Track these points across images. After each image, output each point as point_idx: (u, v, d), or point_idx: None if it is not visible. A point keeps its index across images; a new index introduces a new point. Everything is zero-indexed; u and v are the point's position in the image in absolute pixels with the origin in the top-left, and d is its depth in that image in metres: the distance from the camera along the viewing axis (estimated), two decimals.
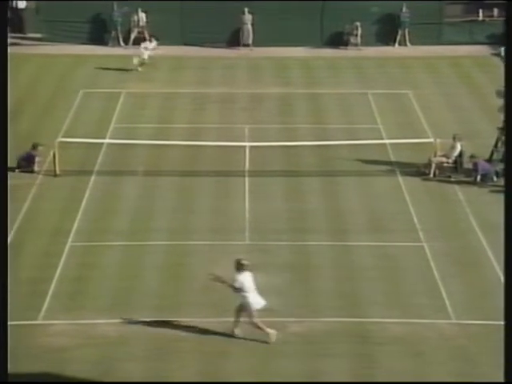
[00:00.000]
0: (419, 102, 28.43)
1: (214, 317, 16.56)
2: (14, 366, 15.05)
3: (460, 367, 15.35)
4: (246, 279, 15.55)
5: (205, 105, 28.15)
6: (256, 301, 15.65)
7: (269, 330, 15.78)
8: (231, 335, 16.02)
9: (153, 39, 32.81)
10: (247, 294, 15.55)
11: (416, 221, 20.52)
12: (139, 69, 31.33)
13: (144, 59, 31.63)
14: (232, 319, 16.15)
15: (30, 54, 33.39)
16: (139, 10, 34.14)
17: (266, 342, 15.76)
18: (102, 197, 21.65)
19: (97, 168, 23.19)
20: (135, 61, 31.21)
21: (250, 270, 15.74)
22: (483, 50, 34.08)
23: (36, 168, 22.84)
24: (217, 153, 23.90)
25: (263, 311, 16.41)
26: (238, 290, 15.54)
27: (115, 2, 34.20)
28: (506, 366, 11.84)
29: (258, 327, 15.71)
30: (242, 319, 15.83)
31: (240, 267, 15.58)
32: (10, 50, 34.88)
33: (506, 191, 14.57)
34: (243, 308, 15.71)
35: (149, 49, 32.04)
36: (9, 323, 16.12)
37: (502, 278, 17.08)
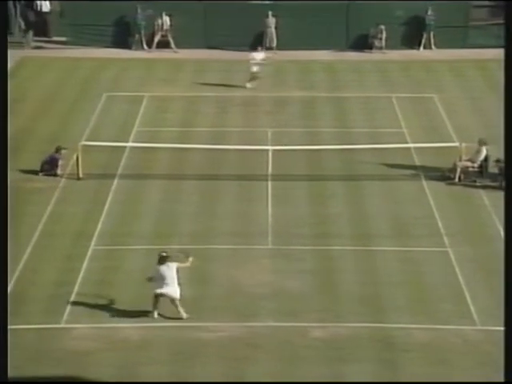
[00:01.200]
0: (444, 105, 28.32)
1: (237, 321, 16.58)
2: (36, 370, 15.17)
3: (485, 374, 15.26)
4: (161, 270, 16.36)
5: (228, 108, 28.20)
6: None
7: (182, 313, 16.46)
8: (255, 340, 16.02)
9: (259, 48, 30.35)
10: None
11: (441, 226, 20.43)
12: (248, 85, 29.08)
13: (255, 73, 29.14)
14: (255, 323, 16.16)
15: (54, 58, 33.59)
16: (163, 14, 34.26)
17: (289, 346, 15.77)
18: (125, 200, 21.73)
19: (120, 171, 23.28)
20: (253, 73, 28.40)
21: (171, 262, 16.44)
22: None
23: (59, 171, 22.96)
24: (240, 157, 23.93)
25: (286, 316, 16.43)
26: (151, 280, 16.59)
27: (139, 5, 34.34)
28: (505, 366, 11.79)
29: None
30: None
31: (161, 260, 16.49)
32: (34, 53, 35.29)
33: (506, 191, 14.53)
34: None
35: (257, 61, 29.33)
36: (32, 327, 16.30)
37: None
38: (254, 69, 29.45)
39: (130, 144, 24.76)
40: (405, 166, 23.63)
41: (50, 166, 23.00)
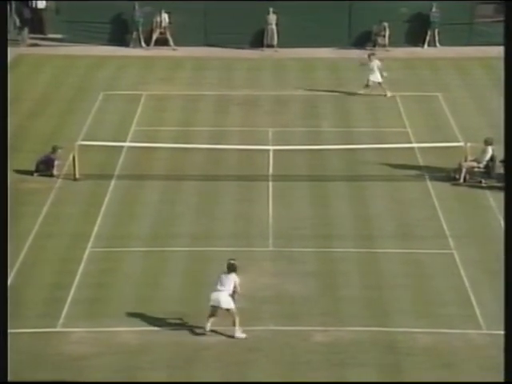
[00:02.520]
0: (449, 104, 28.34)
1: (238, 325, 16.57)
2: (32, 375, 15.17)
3: (491, 379, 15.26)
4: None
5: (228, 107, 28.22)
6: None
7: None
8: (255, 344, 16.04)
9: (372, 56, 28.82)
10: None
11: (445, 227, 20.45)
12: (361, 92, 28.28)
13: (374, 82, 28.27)
14: (256, 327, 16.18)
15: (50, 55, 33.62)
16: (162, 11, 34.27)
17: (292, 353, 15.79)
18: (123, 201, 21.75)
19: (117, 172, 23.30)
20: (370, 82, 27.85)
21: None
22: None
23: (55, 172, 22.97)
24: (240, 156, 23.95)
25: (287, 319, 16.45)
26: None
27: (136, 2, 34.36)
28: (505, 366, 11.81)
29: None
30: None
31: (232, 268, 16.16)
32: (29, 50, 35.32)
33: (506, 191, 14.57)
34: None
35: (378, 70, 28.13)
36: (27, 330, 16.30)
37: None
38: (377, 78, 28.57)
39: (127, 144, 24.78)
40: (409, 166, 23.65)
41: (45, 166, 23.02)
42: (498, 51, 33.28)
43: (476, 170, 22.89)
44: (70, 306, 17.24)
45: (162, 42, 34.64)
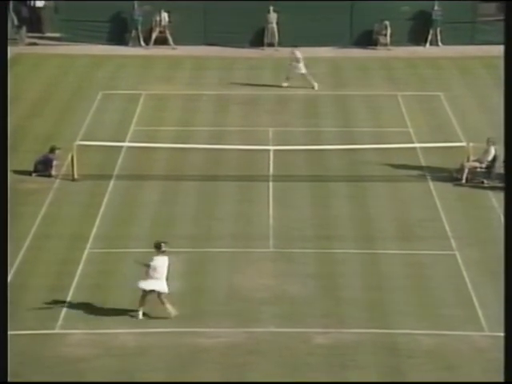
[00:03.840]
0: (451, 104, 28.34)
1: (237, 327, 16.59)
2: (29, 377, 15.17)
3: (494, 381, 15.25)
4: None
5: (228, 107, 28.22)
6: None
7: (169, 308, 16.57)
8: (255, 346, 16.04)
9: (295, 49, 28.75)
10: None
11: (447, 228, 20.45)
12: (285, 84, 28.14)
13: (298, 74, 28.49)
14: (256, 329, 16.17)
15: (48, 54, 33.63)
16: (162, 10, 34.27)
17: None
18: (122, 202, 21.75)
19: (116, 172, 23.30)
20: None
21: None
22: None
23: (53, 172, 22.98)
24: (240, 157, 23.95)
25: (288, 321, 16.44)
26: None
27: (136, 1, 34.37)
28: (505, 366, 11.80)
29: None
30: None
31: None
32: (27, 49, 35.32)
33: (506, 191, 14.55)
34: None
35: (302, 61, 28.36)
36: (25, 332, 16.30)
37: None
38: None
39: (126, 144, 24.78)
40: (410, 166, 23.64)
41: (43, 167, 23.02)
42: (501, 50, 33.30)
43: (478, 170, 22.89)
44: (68, 307, 17.24)
45: (161, 41, 34.65)
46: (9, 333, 15.65)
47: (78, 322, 16.76)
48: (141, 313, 16.79)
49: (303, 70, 29.34)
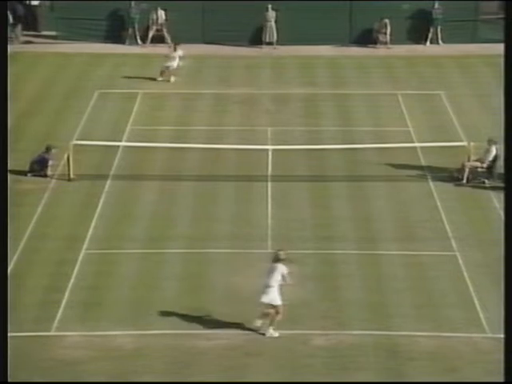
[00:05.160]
0: (452, 103, 28.34)
1: (235, 329, 16.58)
2: (25, 379, 15.14)
3: (495, 382, 15.25)
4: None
5: (226, 106, 28.21)
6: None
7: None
8: (254, 348, 16.02)
9: (177, 46, 30.13)
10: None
11: (448, 229, 20.44)
12: (160, 78, 29.21)
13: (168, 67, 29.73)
14: (255, 331, 16.17)
15: (44, 53, 33.59)
16: (158, 8, 34.26)
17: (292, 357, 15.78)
18: (118, 202, 21.73)
19: (113, 172, 23.29)
20: None
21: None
22: None
23: (49, 172, 22.96)
24: (238, 156, 23.93)
25: (287, 323, 16.43)
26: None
27: (133, 0, 34.36)
28: (505, 366, 11.76)
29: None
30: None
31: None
32: (23, 48, 35.26)
33: (506, 191, 14.51)
34: None
35: (179, 58, 29.66)
36: (21, 334, 16.28)
37: None
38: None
39: (123, 143, 24.77)
40: (411, 166, 23.64)
41: (39, 166, 23.00)
42: (502, 48, 33.32)
43: (479, 170, 22.89)
44: (64, 309, 17.23)
45: (158, 39, 34.63)
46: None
47: (75, 324, 16.75)
48: (260, 322, 16.52)
49: (174, 66, 29.94)
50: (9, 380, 14.76)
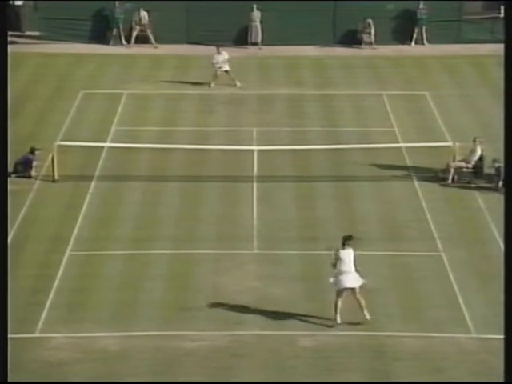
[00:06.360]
0: (437, 103, 28.41)
1: (221, 330, 16.57)
2: (8, 382, 15.09)
3: (494, 381, 15.28)
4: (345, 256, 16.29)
5: (211, 106, 28.20)
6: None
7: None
8: (240, 349, 16.02)
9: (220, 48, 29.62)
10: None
11: (433, 229, 20.49)
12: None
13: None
14: (241, 332, 16.15)
15: (28, 53, 33.49)
16: (141, 9, 34.21)
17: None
18: (103, 203, 21.69)
19: (97, 173, 23.24)
20: None
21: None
22: None
23: (33, 173, 22.90)
24: (224, 157, 23.93)
25: (273, 324, 16.43)
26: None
27: (117, 1, 34.30)
28: (505, 366, 11.79)
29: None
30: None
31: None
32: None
33: (506, 191, 14.58)
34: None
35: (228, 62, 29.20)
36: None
37: None
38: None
39: (108, 144, 24.72)
40: (396, 166, 23.69)
41: (23, 168, 22.94)
42: (487, 49, 33.48)
43: (465, 170, 22.94)
44: (48, 310, 17.18)
45: (142, 39, 34.58)
46: None
47: (59, 326, 16.71)
48: (339, 317, 16.60)
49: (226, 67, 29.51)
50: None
